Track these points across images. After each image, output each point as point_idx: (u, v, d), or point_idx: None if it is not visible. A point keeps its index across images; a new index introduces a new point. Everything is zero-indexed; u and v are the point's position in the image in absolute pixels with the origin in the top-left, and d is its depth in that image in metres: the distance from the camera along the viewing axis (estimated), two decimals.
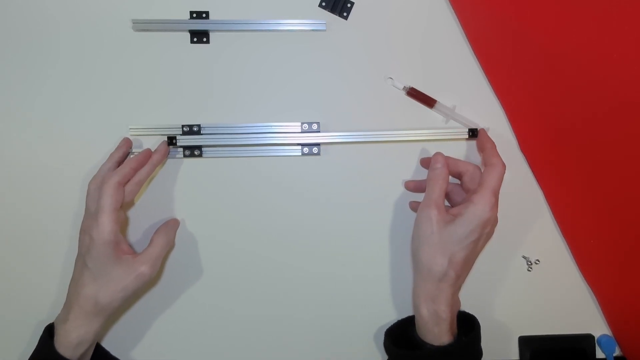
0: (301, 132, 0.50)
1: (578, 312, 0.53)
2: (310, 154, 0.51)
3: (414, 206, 0.50)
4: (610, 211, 0.51)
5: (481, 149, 0.49)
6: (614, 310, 0.53)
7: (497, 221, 0.45)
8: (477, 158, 0.51)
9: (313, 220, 0.52)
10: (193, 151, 0.50)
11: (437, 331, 0.44)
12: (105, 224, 0.42)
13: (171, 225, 0.49)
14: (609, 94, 0.49)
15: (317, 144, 0.50)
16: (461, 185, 0.49)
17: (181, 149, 0.50)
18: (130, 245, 0.46)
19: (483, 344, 0.46)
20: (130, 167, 0.45)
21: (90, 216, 0.44)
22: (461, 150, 0.52)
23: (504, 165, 0.45)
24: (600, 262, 0.52)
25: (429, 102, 0.51)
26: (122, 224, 0.45)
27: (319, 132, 0.50)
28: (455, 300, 0.45)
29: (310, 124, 0.50)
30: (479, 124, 0.51)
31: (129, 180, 0.45)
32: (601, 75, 0.49)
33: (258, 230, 0.51)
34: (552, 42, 0.49)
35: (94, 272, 0.42)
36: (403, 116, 0.51)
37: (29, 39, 0.49)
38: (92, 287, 0.43)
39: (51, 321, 0.45)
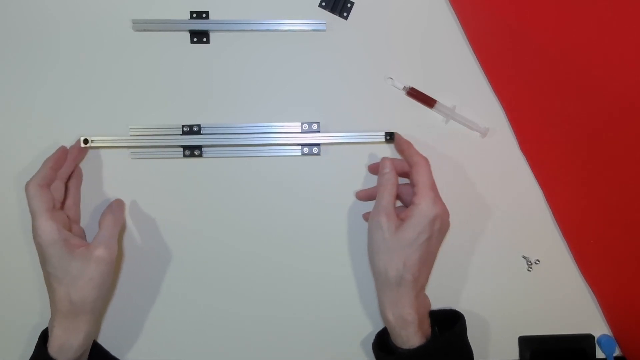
0: (301, 132, 0.50)
1: (578, 312, 0.53)
2: (310, 154, 0.51)
3: (367, 217, 0.50)
4: (610, 211, 0.51)
5: (400, 151, 0.50)
6: (614, 310, 0.53)
7: (446, 213, 0.46)
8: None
9: (313, 221, 0.52)
10: (193, 151, 0.50)
11: (404, 335, 0.44)
12: (42, 227, 0.42)
13: (115, 206, 0.48)
14: (609, 93, 0.49)
15: (317, 144, 0.50)
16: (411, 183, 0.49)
17: (181, 149, 0.50)
18: (83, 238, 0.45)
19: (483, 344, 0.46)
20: (47, 167, 0.44)
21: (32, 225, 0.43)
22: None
23: (425, 160, 0.46)
24: (600, 262, 0.52)
25: (429, 102, 0.51)
26: (65, 221, 0.45)
27: (319, 132, 0.50)
28: (421, 301, 0.45)
29: (310, 124, 0.50)
30: (479, 124, 0.51)
31: (52, 180, 0.45)
32: (601, 75, 0.49)
33: (258, 230, 0.51)
34: (552, 42, 0.49)
35: (56, 275, 0.42)
36: (403, 116, 0.51)
37: (29, 39, 0.49)
38: (61, 289, 0.42)
39: (45, 325, 0.45)
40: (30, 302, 0.50)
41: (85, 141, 0.48)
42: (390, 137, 0.50)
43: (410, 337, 0.44)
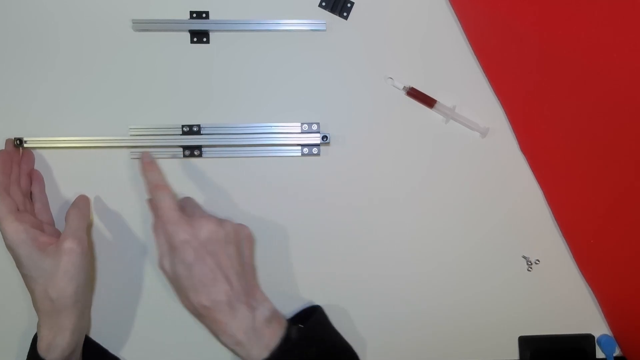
0: (301, 133, 0.50)
1: (578, 312, 0.53)
2: (310, 154, 0.51)
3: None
4: (610, 211, 0.51)
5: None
6: (614, 310, 0.53)
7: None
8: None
9: (313, 221, 0.52)
10: (193, 151, 0.50)
11: (244, 355, 0.42)
12: (9, 229, 0.42)
13: (79, 201, 0.48)
14: (609, 93, 0.49)
15: (317, 145, 0.50)
16: None
17: (181, 149, 0.50)
18: (51, 235, 0.45)
19: (483, 344, 0.46)
20: None
21: None
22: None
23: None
24: (600, 262, 0.52)
25: (429, 102, 0.51)
26: (34, 222, 0.45)
27: (319, 132, 0.50)
28: (241, 318, 0.42)
29: (310, 124, 0.50)
30: (479, 124, 0.51)
31: (7, 185, 0.44)
32: (601, 75, 0.49)
33: (257, 231, 0.51)
34: (552, 42, 0.49)
35: (32, 275, 0.42)
36: (403, 116, 0.51)
37: (29, 39, 0.49)
38: (39, 288, 0.42)
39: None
40: (28, 304, 0.50)
41: (19, 142, 0.48)
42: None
43: (251, 355, 0.41)
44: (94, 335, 0.50)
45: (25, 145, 0.48)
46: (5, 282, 0.50)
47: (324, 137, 0.49)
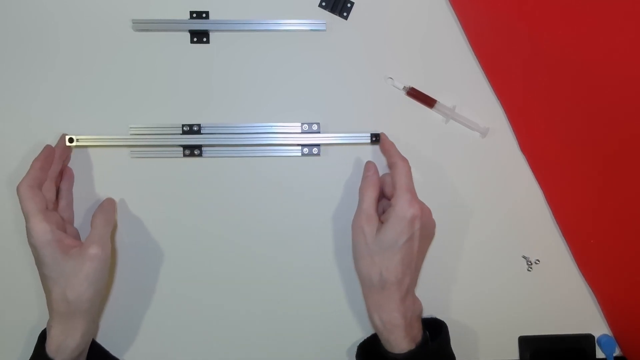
0: (301, 133, 0.50)
1: (578, 312, 0.53)
2: (310, 154, 0.51)
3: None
4: (610, 211, 0.51)
5: (383, 152, 0.50)
6: (614, 310, 0.53)
7: (426, 212, 0.46)
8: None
9: (313, 221, 0.51)
10: (193, 151, 0.50)
11: (392, 339, 0.44)
12: (36, 228, 0.42)
13: (106, 205, 0.48)
14: (609, 93, 0.49)
15: (317, 145, 0.50)
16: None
17: (181, 149, 0.50)
18: (77, 239, 0.46)
19: (483, 344, 0.46)
20: (36, 167, 0.44)
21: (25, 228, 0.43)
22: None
23: (405, 161, 0.46)
24: (600, 262, 0.52)
25: (429, 102, 0.51)
26: (59, 222, 0.45)
27: (319, 132, 0.50)
28: (408, 304, 0.45)
29: (310, 124, 0.50)
30: (479, 124, 0.51)
31: (42, 181, 0.45)
32: (601, 75, 0.49)
33: (257, 231, 0.51)
34: (552, 42, 0.49)
35: (52, 276, 0.42)
36: (403, 116, 0.51)
37: (29, 39, 0.49)
38: (57, 289, 0.42)
39: (45, 326, 0.45)
40: (28, 303, 0.50)
41: (71, 140, 0.48)
42: (376, 138, 0.50)
43: (399, 341, 0.44)
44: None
45: None
46: (3, 283, 0.50)
47: (374, 137, 0.50)
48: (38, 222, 0.42)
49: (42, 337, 0.44)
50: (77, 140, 0.48)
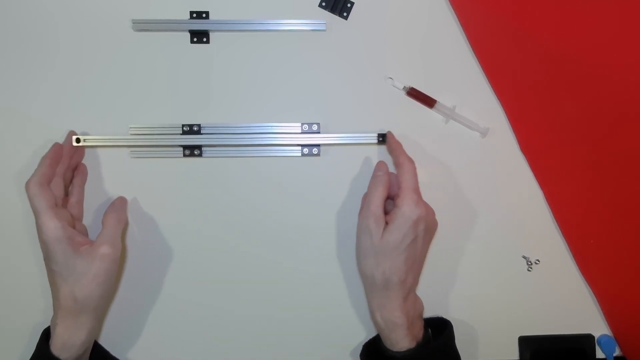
0: (301, 133, 0.50)
1: (578, 312, 0.53)
2: (310, 154, 0.51)
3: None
4: (611, 211, 0.51)
5: (389, 152, 0.50)
6: (614, 310, 0.53)
7: (431, 213, 0.46)
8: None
9: (313, 221, 0.52)
10: (193, 151, 0.50)
11: (394, 337, 0.44)
12: (47, 224, 0.42)
13: (118, 204, 0.48)
14: (609, 93, 0.49)
15: (317, 145, 0.50)
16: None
17: (181, 149, 0.50)
18: (86, 236, 0.46)
19: (483, 344, 0.46)
20: (45, 165, 0.44)
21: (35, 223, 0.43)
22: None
23: (411, 162, 0.46)
24: (600, 262, 0.52)
25: (429, 102, 0.51)
26: (69, 219, 0.45)
27: (319, 132, 0.50)
28: (410, 303, 0.46)
29: (310, 124, 0.50)
30: (479, 124, 0.51)
31: (51, 178, 0.45)
32: (601, 75, 0.49)
33: (257, 231, 0.51)
34: (552, 42, 0.49)
35: (61, 273, 0.42)
36: (403, 116, 0.51)
37: (29, 39, 0.49)
38: (66, 287, 0.42)
39: (47, 324, 0.45)
40: (32, 300, 0.50)
41: (77, 140, 0.48)
42: (383, 138, 0.50)
43: (400, 339, 0.44)
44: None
45: None
46: (7, 280, 0.50)
47: (380, 136, 0.50)
48: (49, 218, 0.42)
49: (45, 335, 0.44)
50: (85, 140, 0.48)
